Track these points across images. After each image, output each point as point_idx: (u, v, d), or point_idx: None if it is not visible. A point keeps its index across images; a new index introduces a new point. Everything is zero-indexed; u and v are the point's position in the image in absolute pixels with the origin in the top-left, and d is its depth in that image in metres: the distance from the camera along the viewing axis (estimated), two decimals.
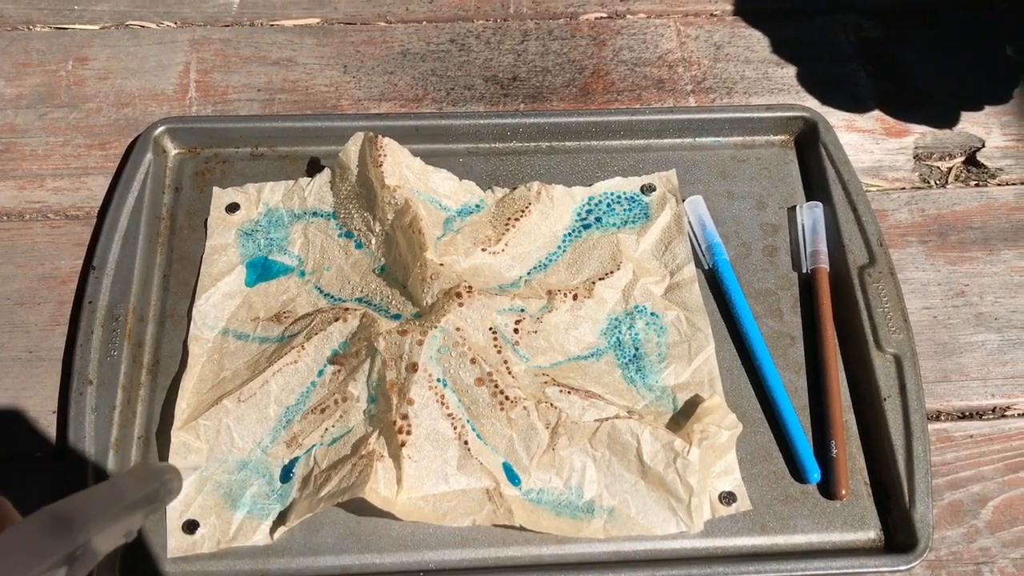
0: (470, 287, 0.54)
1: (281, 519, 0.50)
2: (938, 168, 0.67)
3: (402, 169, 0.59)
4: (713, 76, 0.70)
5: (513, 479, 0.51)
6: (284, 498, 0.51)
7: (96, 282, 0.57)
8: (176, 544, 0.50)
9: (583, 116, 0.65)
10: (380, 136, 0.59)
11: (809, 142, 0.65)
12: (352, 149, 0.60)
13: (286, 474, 0.52)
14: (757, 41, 0.73)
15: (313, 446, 0.52)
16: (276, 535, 0.50)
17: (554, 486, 0.51)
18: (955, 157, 0.67)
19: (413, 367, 0.52)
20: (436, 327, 0.53)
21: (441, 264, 0.56)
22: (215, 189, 0.62)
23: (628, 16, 0.74)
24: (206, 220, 0.60)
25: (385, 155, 0.58)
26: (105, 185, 0.63)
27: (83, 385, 0.53)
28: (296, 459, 0.52)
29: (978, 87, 0.70)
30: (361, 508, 0.50)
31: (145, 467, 0.35)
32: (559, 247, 0.60)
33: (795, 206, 0.62)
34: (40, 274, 0.59)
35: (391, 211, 0.58)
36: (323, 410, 0.53)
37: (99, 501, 0.33)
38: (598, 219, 0.61)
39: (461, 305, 0.54)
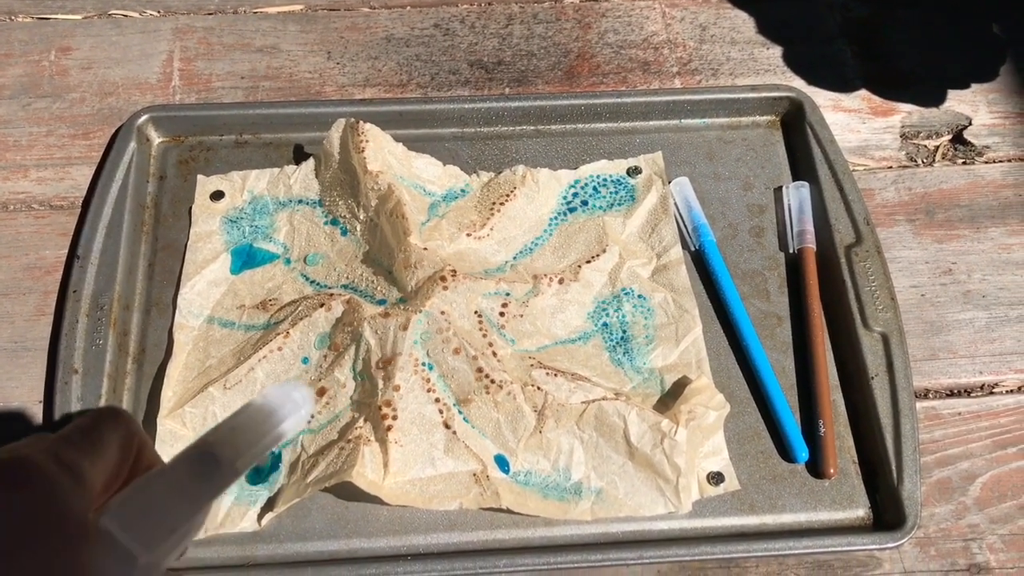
0: (454, 271, 0.54)
1: (269, 505, 0.50)
2: (925, 147, 0.66)
3: (385, 155, 0.59)
4: (699, 58, 0.70)
5: (504, 467, 0.51)
6: (272, 484, 0.51)
7: (80, 271, 0.57)
8: None
9: (569, 99, 0.65)
10: (361, 122, 0.59)
11: (795, 122, 0.64)
12: (335, 136, 0.59)
13: (274, 460, 0.52)
14: (743, 22, 0.72)
15: (300, 432, 0.52)
16: (264, 521, 0.50)
17: (541, 468, 0.51)
18: (942, 135, 0.67)
19: (398, 352, 0.51)
20: (420, 311, 0.52)
21: (425, 249, 0.56)
22: (199, 177, 0.61)
23: None
24: (190, 208, 0.60)
25: (367, 141, 0.58)
26: (89, 175, 0.63)
27: (68, 375, 0.53)
28: (283, 445, 0.52)
29: (964, 65, 0.70)
30: (349, 493, 0.50)
31: (279, 388, 0.33)
32: (545, 231, 0.60)
33: (781, 186, 0.62)
34: (25, 264, 0.59)
35: (374, 197, 0.57)
36: None
37: (243, 430, 0.31)
38: (584, 202, 0.61)
39: (445, 289, 0.53)
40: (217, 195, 0.61)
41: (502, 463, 0.51)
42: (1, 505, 0.25)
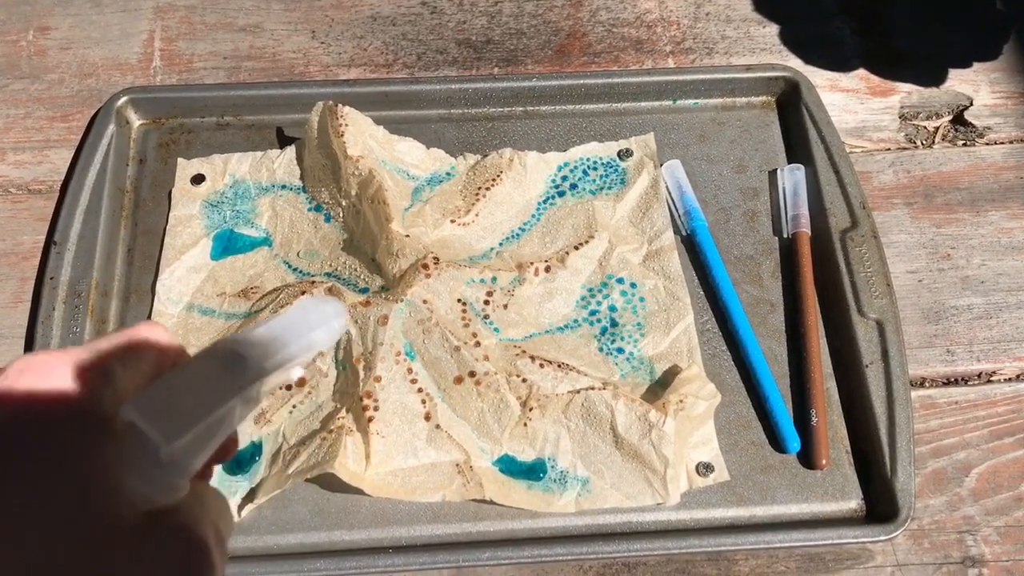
0: (437, 259, 0.53)
1: (249, 497, 0.49)
2: (924, 128, 0.65)
3: (365, 138, 0.57)
4: (693, 36, 0.68)
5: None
6: (252, 475, 0.50)
7: (57, 257, 0.55)
8: None
9: (559, 79, 0.63)
10: (340, 105, 0.57)
11: (791, 103, 0.63)
12: (315, 119, 0.58)
13: (254, 450, 0.51)
14: None
15: (282, 422, 0.51)
16: (244, 512, 0.49)
17: (527, 457, 0.50)
18: (942, 116, 0.65)
19: (379, 342, 0.50)
20: (402, 300, 0.51)
21: (407, 236, 0.54)
22: (180, 160, 0.60)
23: None
24: (170, 192, 0.59)
25: (346, 125, 0.56)
26: (68, 158, 0.61)
27: None
28: (265, 436, 0.51)
29: (966, 43, 0.68)
30: (330, 484, 0.49)
31: (312, 300, 0.32)
32: (532, 216, 0.58)
33: (776, 169, 0.61)
34: (2, 250, 0.58)
35: (355, 182, 0.56)
36: (290, 386, 0.51)
37: (271, 333, 0.29)
38: (573, 186, 0.59)
39: (428, 277, 0.52)
40: (198, 179, 0.59)
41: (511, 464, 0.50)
42: (25, 396, 0.25)
